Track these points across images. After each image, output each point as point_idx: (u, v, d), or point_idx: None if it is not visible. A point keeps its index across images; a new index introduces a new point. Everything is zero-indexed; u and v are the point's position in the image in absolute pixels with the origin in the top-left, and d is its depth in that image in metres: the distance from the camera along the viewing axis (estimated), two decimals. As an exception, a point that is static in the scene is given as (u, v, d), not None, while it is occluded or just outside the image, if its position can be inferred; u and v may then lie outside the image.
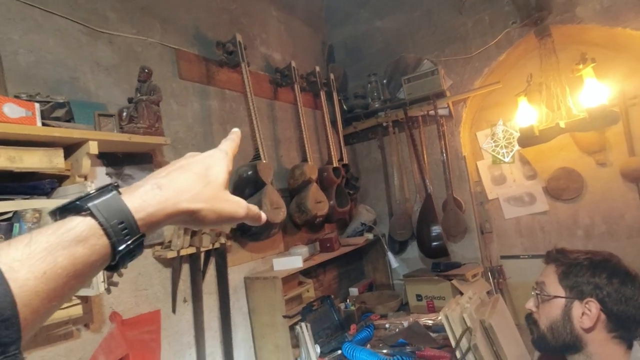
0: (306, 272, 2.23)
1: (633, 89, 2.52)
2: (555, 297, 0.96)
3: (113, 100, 1.42)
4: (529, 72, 2.59)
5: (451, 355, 1.58)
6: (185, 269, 1.59)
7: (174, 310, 1.51)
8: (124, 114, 1.22)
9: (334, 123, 2.64)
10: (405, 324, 2.09)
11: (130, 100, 1.33)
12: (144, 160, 1.43)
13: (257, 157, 1.86)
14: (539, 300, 1.01)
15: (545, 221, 2.85)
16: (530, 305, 1.04)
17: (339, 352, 1.88)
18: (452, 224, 2.50)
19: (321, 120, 2.62)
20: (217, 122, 1.88)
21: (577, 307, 0.93)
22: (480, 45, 2.59)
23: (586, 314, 0.92)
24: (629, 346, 0.91)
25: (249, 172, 1.80)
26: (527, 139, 2.47)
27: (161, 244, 1.48)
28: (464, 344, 1.47)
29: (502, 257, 2.96)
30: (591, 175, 2.70)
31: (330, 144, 2.47)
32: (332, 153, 2.45)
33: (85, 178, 1.11)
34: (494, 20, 2.58)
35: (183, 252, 1.48)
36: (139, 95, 1.30)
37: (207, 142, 1.81)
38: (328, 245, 2.23)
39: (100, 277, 1.06)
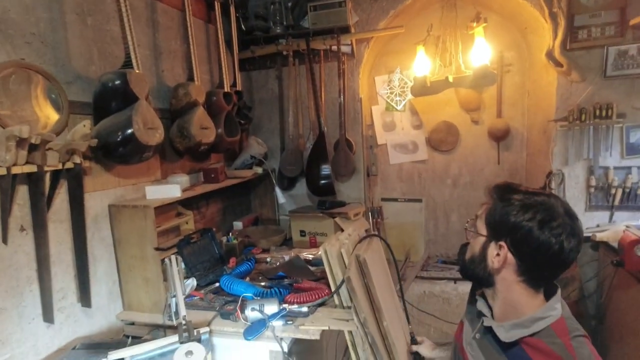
0: (187, 204, 2.05)
1: (510, 57, 2.78)
2: (478, 234, 0.97)
3: None
4: (430, 23, 2.64)
5: (327, 287, 1.64)
6: (23, 191, 1.28)
7: (4, 241, 1.22)
8: None
9: (228, 43, 2.35)
10: (287, 258, 2.12)
11: None
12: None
13: (128, 64, 1.53)
14: (470, 232, 1.01)
15: (423, 169, 3.12)
16: (468, 236, 1.04)
17: (217, 285, 1.83)
18: (342, 164, 2.55)
19: (214, 38, 2.30)
20: (73, 12, 1.47)
21: (492, 247, 0.93)
22: (390, -16, 2.51)
23: (498, 254, 0.91)
24: (540, 290, 0.92)
25: (117, 82, 1.48)
26: (420, 89, 2.57)
27: (-18, 157, 1.14)
28: (338, 276, 1.53)
29: (383, 200, 3.19)
30: (466, 131, 2.99)
31: (223, 65, 2.21)
32: (225, 76, 2.20)
33: None
34: (406, -40, 2.50)
35: (16, 170, 1.17)
36: None
37: (58, 35, 1.41)
38: (213, 175, 2.07)
39: None
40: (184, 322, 1.29)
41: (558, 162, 2.36)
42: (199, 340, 1.16)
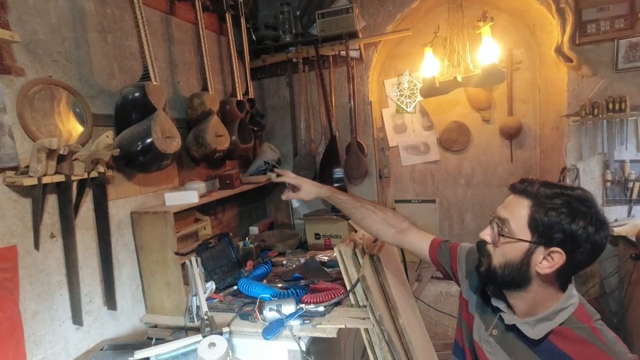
0: (204, 210, 2.12)
1: (519, 54, 2.78)
2: (520, 240, 0.86)
3: None
4: (437, 25, 2.67)
5: (343, 287, 1.67)
6: (52, 200, 1.35)
7: (37, 247, 1.29)
8: (-56, -11, 0.90)
9: (240, 53, 2.43)
10: (302, 260, 2.15)
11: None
12: (-17, 60, 1.11)
13: (146, 77, 1.61)
14: (498, 236, 0.90)
15: (436, 169, 3.13)
16: (486, 236, 0.93)
17: (235, 287, 1.87)
18: (354, 167, 2.58)
19: (226, 48, 2.38)
20: (95, 30, 1.56)
21: (539, 252, 0.85)
22: (396, -11, 2.55)
23: (547, 260, 0.84)
24: (562, 288, 0.89)
25: (136, 94, 1.55)
26: (429, 90, 2.59)
27: (15, 169, 1.22)
28: (353, 275, 1.56)
29: (396, 201, 3.20)
30: (477, 130, 2.99)
31: (236, 75, 2.28)
32: (237, 85, 2.27)
33: None
34: (411, -35, 2.54)
35: (47, 180, 1.24)
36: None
37: (81, 53, 1.49)
38: (228, 182, 2.13)
39: None
40: (205, 317, 1.34)
41: (572, 158, 2.34)
42: (220, 334, 1.21)
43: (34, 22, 1.30)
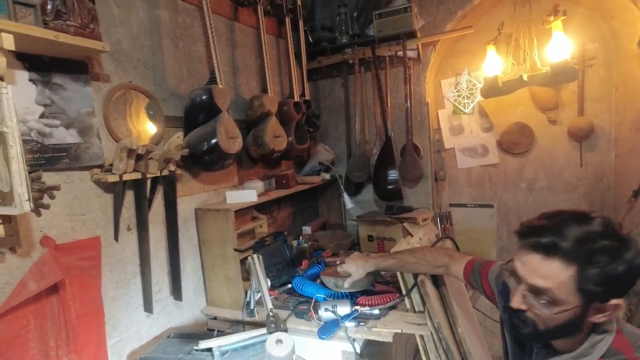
0: (260, 209, 2.19)
1: (594, 49, 2.57)
2: (572, 309, 0.76)
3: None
4: (501, 21, 2.54)
5: (398, 291, 1.65)
6: (130, 196, 1.47)
7: (116, 238, 1.41)
8: (49, 6, 1.00)
9: (297, 55, 2.47)
10: (355, 261, 2.15)
11: (57, -8, 1.11)
12: (77, 69, 1.23)
13: (212, 80, 1.69)
14: (542, 309, 0.79)
15: (494, 173, 2.98)
16: (520, 305, 0.82)
17: (289, 286, 1.91)
18: (409, 169, 2.53)
19: (284, 51, 2.44)
20: (168, 37, 1.67)
21: (593, 307, 0.77)
22: (457, -14, 2.47)
23: (604, 312, 0.77)
24: None
25: (204, 97, 1.64)
26: (490, 89, 2.48)
27: (101, 166, 1.34)
28: (409, 279, 1.53)
29: (451, 205, 3.10)
30: (542, 131, 2.81)
31: (293, 77, 2.33)
32: (294, 87, 2.32)
33: (2, 79, 0.93)
34: (473, -40, 2.44)
35: (126, 177, 1.35)
36: (68, -14, 1.07)
37: (156, 59, 1.61)
38: (284, 181, 2.18)
39: (24, 194, 0.93)
40: (271, 314, 1.39)
41: (655, 163, 2.13)
42: (285, 331, 1.24)
43: (118, 32, 1.42)
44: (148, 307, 1.54)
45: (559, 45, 2.25)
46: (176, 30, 1.71)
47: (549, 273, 0.76)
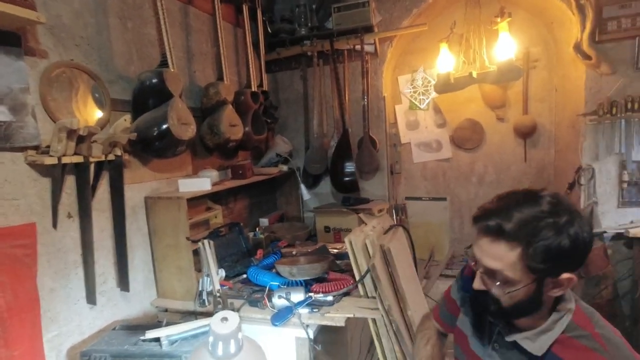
0: (216, 199, 2.14)
1: (537, 52, 2.75)
2: (526, 286, 0.79)
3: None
4: (454, 20, 2.65)
5: (352, 278, 1.67)
6: (71, 181, 1.39)
7: (55, 226, 1.33)
8: (-25, -32, 0.93)
9: (256, 45, 2.44)
10: (312, 250, 2.16)
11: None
12: (9, 40, 1.14)
13: (164, 64, 1.63)
14: (497, 288, 0.82)
15: (448, 167, 3.11)
16: (479, 286, 0.85)
17: (244, 276, 1.89)
18: (366, 162, 2.58)
19: (242, 40, 2.40)
20: (116, 16, 1.59)
21: (547, 282, 0.79)
22: (413, -16, 2.54)
23: (560, 286, 0.80)
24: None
25: (154, 80, 1.58)
26: (443, 85, 2.58)
27: (37, 148, 1.25)
28: (363, 266, 1.56)
29: (407, 198, 3.19)
30: (491, 128, 2.96)
31: (251, 67, 2.30)
32: (252, 77, 2.29)
33: None
34: (429, -41, 2.52)
35: (66, 160, 1.27)
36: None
37: (102, 38, 1.53)
38: (240, 172, 2.15)
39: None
40: (218, 295, 1.36)
41: (588, 158, 2.30)
42: (232, 310, 1.22)
43: (57, 6, 1.33)
44: (91, 298, 1.46)
45: (505, 45, 2.38)
46: (125, 10, 1.63)
47: (498, 254, 0.79)
